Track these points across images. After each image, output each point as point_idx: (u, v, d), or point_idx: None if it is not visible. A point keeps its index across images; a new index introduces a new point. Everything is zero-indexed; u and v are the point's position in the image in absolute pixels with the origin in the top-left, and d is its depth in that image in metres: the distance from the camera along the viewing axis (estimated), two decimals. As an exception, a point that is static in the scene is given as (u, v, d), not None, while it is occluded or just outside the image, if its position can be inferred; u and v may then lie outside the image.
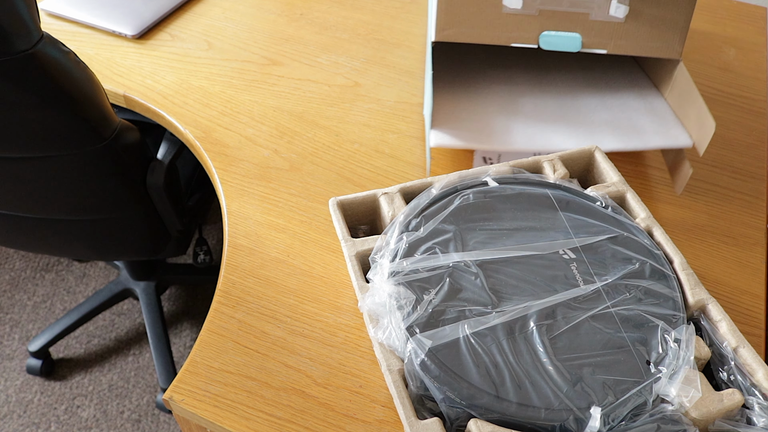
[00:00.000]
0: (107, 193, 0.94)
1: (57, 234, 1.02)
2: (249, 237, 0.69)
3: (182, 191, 1.08)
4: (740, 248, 0.70)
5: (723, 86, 0.91)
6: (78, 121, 0.81)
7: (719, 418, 0.52)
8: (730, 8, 1.07)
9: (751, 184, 0.77)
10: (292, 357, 0.59)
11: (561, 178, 0.66)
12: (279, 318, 0.62)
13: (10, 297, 1.55)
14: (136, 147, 0.93)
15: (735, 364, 0.54)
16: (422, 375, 0.52)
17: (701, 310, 0.57)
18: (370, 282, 0.59)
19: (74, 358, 1.45)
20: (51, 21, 0.99)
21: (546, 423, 0.51)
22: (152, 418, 1.35)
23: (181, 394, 0.57)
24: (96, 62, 0.91)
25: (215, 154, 0.78)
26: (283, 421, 0.55)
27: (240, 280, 0.65)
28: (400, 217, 0.61)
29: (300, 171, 0.77)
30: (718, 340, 0.55)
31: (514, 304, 0.57)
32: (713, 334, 0.55)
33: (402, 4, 1.05)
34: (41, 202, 0.93)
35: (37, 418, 1.34)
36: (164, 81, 0.88)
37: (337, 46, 0.96)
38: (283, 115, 0.84)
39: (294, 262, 0.67)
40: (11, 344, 1.46)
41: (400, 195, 0.64)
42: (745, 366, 0.54)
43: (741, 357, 0.54)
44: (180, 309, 1.54)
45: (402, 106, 0.86)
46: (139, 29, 0.95)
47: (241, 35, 0.97)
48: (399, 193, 0.64)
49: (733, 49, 0.98)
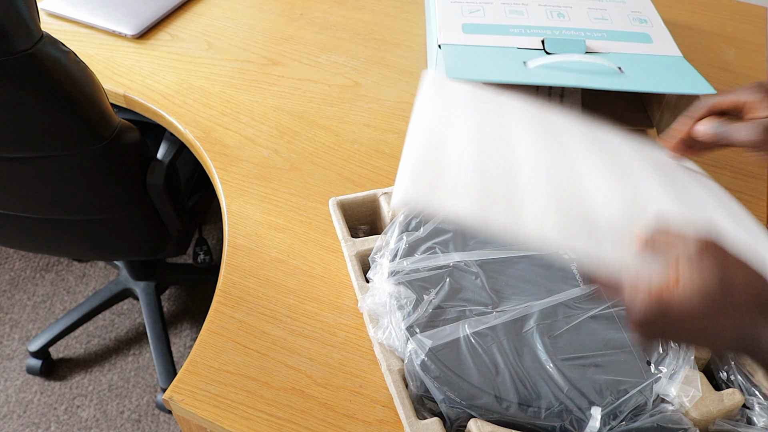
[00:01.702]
0: (107, 193, 0.94)
1: (57, 234, 1.02)
2: (249, 237, 0.69)
3: (182, 191, 1.08)
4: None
5: (723, 86, 0.91)
6: (78, 121, 0.81)
7: (719, 418, 0.52)
8: (730, 8, 1.07)
9: (751, 184, 0.77)
10: (292, 357, 0.59)
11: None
12: (279, 318, 0.62)
13: (10, 297, 1.55)
14: (136, 147, 0.93)
15: (735, 364, 0.54)
16: (422, 375, 0.52)
17: None
18: (370, 282, 0.59)
19: (74, 358, 1.45)
20: (51, 21, 0.99)
21: (546, 423, 0.51)
22: (152, 418, 1.34)
23: (181, 394, 0.57)
24: (96, 62, 0.91)
25: (215, 154, 0.78)
26: (283, 421, 0.55)
27: (240, 280, 0.65)
28: (400, 217, 0.61)
29: (300, 171, 0.77)
30: None
31: (514, 304, 0.57)
32: None
33: (402, 4, 1.05)
34: (41, 202, 0.93)
35: (37, 418, 1.34)
36: (164, 81, 0.88)
37: (337, 46, 0.96)
38: (283, 115, 0.84)
39: (294, 262, 0.67)
40: (11, 344, 1.46)
41: (400, 195, 0.64)
42: (745, 366, 0.54)
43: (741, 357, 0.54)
44: (180, 309, 1.54)
45: (402, 106, 0.86)
46: (139, 29, 0.95)
47: (241, 35, 0.97)
48: (399, 193, 0.64)
49: (733, 49, 0.98)
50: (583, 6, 0.84)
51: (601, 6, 0.84)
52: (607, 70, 0.70)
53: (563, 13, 0.82)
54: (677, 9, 1.06)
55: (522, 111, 0.61)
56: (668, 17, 1.04)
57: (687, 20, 1.04)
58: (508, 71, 0.70)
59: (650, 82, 0.69)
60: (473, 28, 0.78)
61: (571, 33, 0.78)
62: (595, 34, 0.78)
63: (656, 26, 0.81)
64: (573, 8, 0.83)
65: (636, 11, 0.84)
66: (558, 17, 0.81)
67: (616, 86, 0.68)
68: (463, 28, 0.78)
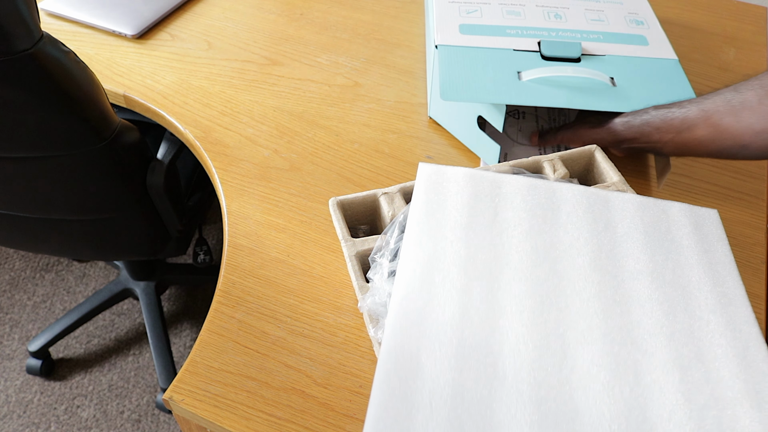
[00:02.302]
0: (107, 193, 0.94)
1: (57, 234, 1.02)
2: (249, 237, 0.69)
3: (182, 191, 1.08)
4: (740, 248, 0.70)
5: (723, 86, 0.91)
6: (78, 121, 0.81)
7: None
8: (730, 8, 1.07)
9: (751, 184, 0.77)
10: (292, 357, 0.59)
11: (561, 178, 0.66)
12: (279, 318, 0.62)
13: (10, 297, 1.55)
14: (136, 147, 0.93)
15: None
16: (422, 375, 0.52)
17: None
18: (370, 282, 0.59)
19: (74, 358, 1.45)
20: (51, 21, 0.99)
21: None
22: (152, 418, 1.35)
23: (181, 394, 0.57)
24: (96, 62, 0.91)
25: (215, 154, 0.78)
26: (283, 421, 0.55)
27: (240, 280, 0.65)
28: (400, 216, 0.61)
29: (300, 171, 0.77)
30: None
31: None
32: None
33: (402, 4, 1.05)
34: (41, 202, 0.93)
35: (37, 418, 1.34)
36: (164, 81, 0.88)
37: (337, 46, 0.96)
38: (283, 115, 0.84)
39: (294, 262, 0.67)
40: (11, 344, 1.46)
41: (400, 195, 0.64)
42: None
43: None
44: (180, 309, 1.54)
45: (402, 106, 0.86)
46: (139, 29, 0.95)
47: (241, 35, 0.97)
48: (399, 193, 0.65)
49: (733, 49, 0.98)
50: (580, 7, 0.84)
51: (599, 7, 0.84)
52: (600, 86, 0.71)
53: (560, 15, 0.82)
54: (677, 9, 1.06)
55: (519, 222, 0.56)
56: (668, 17, 1.04)
57: (687, 20, 1.04)
58: (501, 87, 0.70)
59: (640, 101, 0.70)
60: (470, 29, 0.78)
61: (568, 35, 0.78)
62: (591, 36, 0.79)
63: (652, 28, 0.81)
64: (570, 9, 0.83)
65: (633, 12, 0.84)
66: (555, 18, 0.81)
67: (606, 107, 0.69)
68: (460, 28, 0.78)
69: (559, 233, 0.55)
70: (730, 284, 0.52)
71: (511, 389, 0.44)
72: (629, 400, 0.44)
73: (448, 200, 0.58)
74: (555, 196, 0.58)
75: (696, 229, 0.56)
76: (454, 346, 0.47)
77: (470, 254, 0.53)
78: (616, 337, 0.48)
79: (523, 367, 0.46)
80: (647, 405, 0.44)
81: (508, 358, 0.46)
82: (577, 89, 0.70)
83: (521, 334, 0.48)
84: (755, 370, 0.47)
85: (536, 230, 0.55)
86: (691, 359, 0.47)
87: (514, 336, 0.48)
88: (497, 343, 0.47)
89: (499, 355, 0.46)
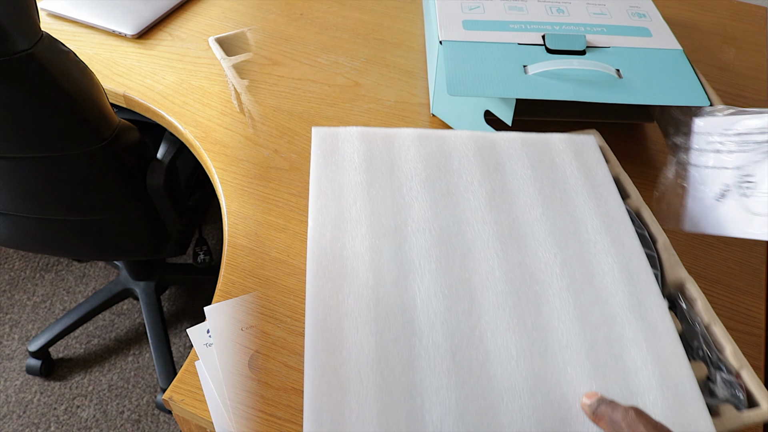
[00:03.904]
0: (107, 193, 0.94)
1: (57, 234, 1.02)
2: (249, 237, 0.69)
3: (182, 191, 1.08)
4: (740, 248, 0.70)
5: (723, 86, 0.91)
6: (78, 121, 0.81)
7: None
8: (730, 8, 1.07)
9: (751, 184, 0.77)
10: (292, 357, 0.59)
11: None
12: (279, 318, 0.62)
13: (9, 297, 1.55)
14: (136, 147, 0.93)
15: (704, 340, 0.55)
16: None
17: (679, 288, 0.58)
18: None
19: (74, 358, 1.45)
20: (51, 21, 0.99)
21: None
22: (152, 418, 1.35)
23: (181, 394, 0.57)
24: (96, 62, 0.91)
25: (215, 154, 0.78)
26: (283, 421, 0.55)
27: (240, 280, 0.65)
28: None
29: (300, 171, 0.77)
30: (691, 317, 0.56)
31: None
32: (688, 312, 0.56)
33: (402, 4, 1.05)
34: (41, 202, 0.93)
35: (36, 419, 1.34)
36: (164, 81, 0.88)
37: (337, 46, 0.96)
38: (283, 115, 0.84)
39: (294, 262, 0.67)
40: (11, 344, 1.46)
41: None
42: (715, 343, 0.54)
43: (712, 334, 0.54)
44: (180, 309, 1.54)
45: (402, 106, 0.86)
46: (138, 29, 0.95)
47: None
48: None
49: (733, 49, 0.98)
50: (581, 1, 0.84)
51: (600, 1, 0.85)
52: (606, 78, 0.71)
53: (562, 9, 0.82)
54: (677, 9, 1.06)
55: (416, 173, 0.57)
56: (668, 17, 1.04)
57: (687, 20, 1.04)
58: (508, 81, 0.70)
59: (647, 93, 0.70)
60: (473, 24, 0.79)
61: (571, 28, 0.78)
62: (595, 29, 0.79)
63: (655, 20, 0.82)
64: (572, 4, 0.84)
65: (634, 6, 0.84)
66: (557, 13, 0.81)
67: (612, 99, 0.68)
68: (464, 24, 0.78)
69: (453, 179, 0.57)
70: (611, 203, 0.56)
71: (428, 344, 0.47)
72: (531, 333, 0.47)
73: (345, 160, 0.59)
74: (445, 143, 0.60)
75: (576, 156, 0.60)
76: (372, 309, 0.49)
77: (374, 211, 0.55)
78: (516, 273, 0.51)
79: (437, 319, 0.48)
80: (547, 336, 0.47)
81: (422, 313, 0.48)
82: (584, 82, 0.70)
83: (431, 286, 0.50)
84: (637, 281, 0.51)
85: (432, 179, 0.57)
86: (583, 283, 0.50)
87: (425, 290, 0.50)
88: (410, 300, 0.49)
89: (414, 311, 0.48)
